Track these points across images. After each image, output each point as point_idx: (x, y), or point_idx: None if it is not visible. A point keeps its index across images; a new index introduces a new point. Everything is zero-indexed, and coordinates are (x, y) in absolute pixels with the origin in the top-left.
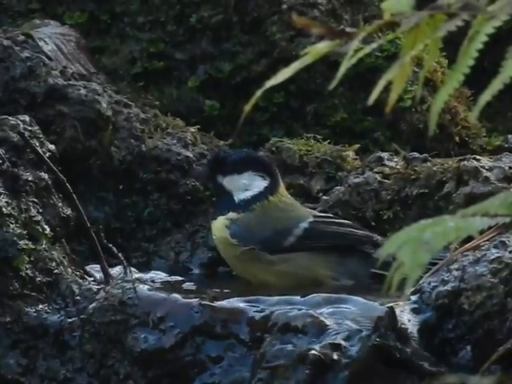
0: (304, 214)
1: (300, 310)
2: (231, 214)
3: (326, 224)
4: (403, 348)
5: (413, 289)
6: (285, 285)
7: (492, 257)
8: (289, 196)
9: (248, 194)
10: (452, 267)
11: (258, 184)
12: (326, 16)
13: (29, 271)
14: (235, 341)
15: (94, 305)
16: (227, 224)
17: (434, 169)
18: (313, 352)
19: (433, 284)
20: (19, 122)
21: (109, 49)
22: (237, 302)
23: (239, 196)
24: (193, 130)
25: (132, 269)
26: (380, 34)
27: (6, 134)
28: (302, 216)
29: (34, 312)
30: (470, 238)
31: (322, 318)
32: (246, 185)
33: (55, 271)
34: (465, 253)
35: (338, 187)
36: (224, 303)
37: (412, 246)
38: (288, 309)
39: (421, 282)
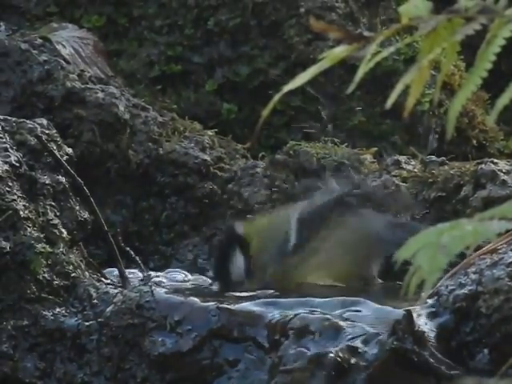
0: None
1: (317, 313)
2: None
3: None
4: (420, 351)
5: (430, 292)
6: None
7: (509, 260)
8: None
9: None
10: (469, 270)
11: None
12: (343, 19)
13: (46, 275)
14: (252, 344)
15: (111, 308)
16: None
17: (452, 172)
18: (330, 355)
19: (450, 287)
20: (37, 126)
21: (126, 52)
22: (254, 306)
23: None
24: (210, 133)
25: (150, 272)
26: (398, 38)
27: (23, 137)
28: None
29: (52, 315)
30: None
31: (339, 322)
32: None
33: (73, 275)
34: (482, 256)
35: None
36: (241, 306)
37: (430, 250)
38: (305, 312)
39: (438, 285)
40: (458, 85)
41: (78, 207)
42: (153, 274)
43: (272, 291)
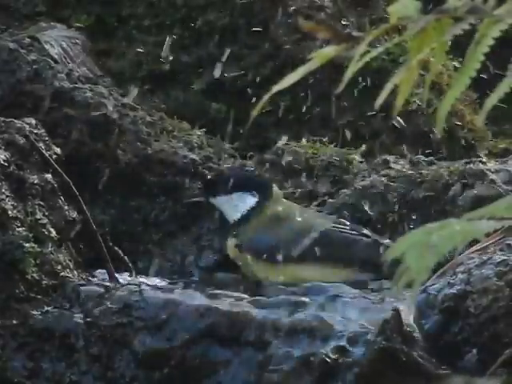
0: (316, 223)
1: (306, 312)
2: (235, 234)
3: (337, 235)
4: (409, 351)
5: (419, 291)
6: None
7: (498, 260)
8: (294, 205)
9: (239, 214)
10: (458, 270)
11: (248, 202)
12: (332, 19)
13: (35, 274)
14: (241, 344)
15: (99, 308)
16: (236, 243)
17: (440, 172)
18: (319, 355)
19: (439, 287)
20: (25, 125)
21: (115, 52)
22: (243, 305)
23: (232, 216)
24: (199, 132)
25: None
26: (386, 37)
27: (12, 136)
28: (313, 226)
29: (40, 315)
30: (475, 241)
31: (329, 321)
32: (236, 204)
33: (61, 274)
34: (470, 256)
35: (344, 190)
36: (230, 306)
37: (418, 250)
38: (294, 311)
39: (427, 284)
40: (447, 84)
41: (66, 207)
42: (141, 276)
43: (260, 291)
